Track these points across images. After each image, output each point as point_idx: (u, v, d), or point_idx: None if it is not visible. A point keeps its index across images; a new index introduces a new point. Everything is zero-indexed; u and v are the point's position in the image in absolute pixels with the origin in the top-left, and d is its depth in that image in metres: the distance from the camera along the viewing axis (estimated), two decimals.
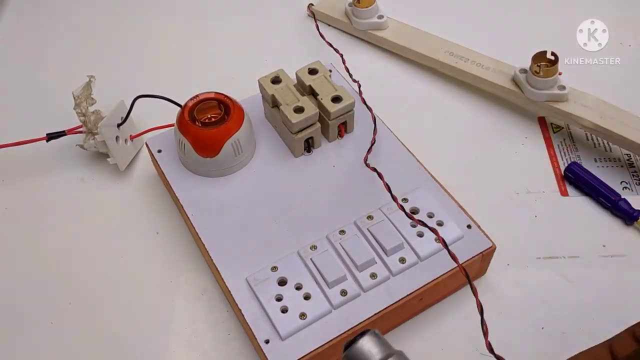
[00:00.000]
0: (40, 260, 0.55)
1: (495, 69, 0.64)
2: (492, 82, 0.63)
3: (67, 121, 0.59)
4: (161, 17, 0.78)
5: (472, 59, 0.65)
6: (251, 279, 0.48)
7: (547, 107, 0.61)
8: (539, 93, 0.61)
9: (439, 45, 0.67)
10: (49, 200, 0.59)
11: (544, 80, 0.59)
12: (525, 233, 0.56)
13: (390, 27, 0.70)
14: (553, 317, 0.51)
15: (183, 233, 0.56)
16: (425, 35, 0.69)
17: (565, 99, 0.60)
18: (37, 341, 0.50)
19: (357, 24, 0.71)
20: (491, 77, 0.64)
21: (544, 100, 0.61)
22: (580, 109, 0.59)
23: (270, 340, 0.45)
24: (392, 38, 0.69)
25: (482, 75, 0.64)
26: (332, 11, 0.74)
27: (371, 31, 0.70)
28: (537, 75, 0.59)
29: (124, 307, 0.52)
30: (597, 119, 0.58)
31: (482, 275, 0.53)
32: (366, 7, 0.69)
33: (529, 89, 0.61)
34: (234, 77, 0.69)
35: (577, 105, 0.60)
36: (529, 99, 0.61)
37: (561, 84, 0.60)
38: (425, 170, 0.55)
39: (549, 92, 0.60)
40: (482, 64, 0.65)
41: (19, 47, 0.74)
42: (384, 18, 0.70)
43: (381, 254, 0.49)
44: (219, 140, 0.52)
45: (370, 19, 0.70)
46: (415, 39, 0.69)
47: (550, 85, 0.60)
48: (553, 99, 0.60)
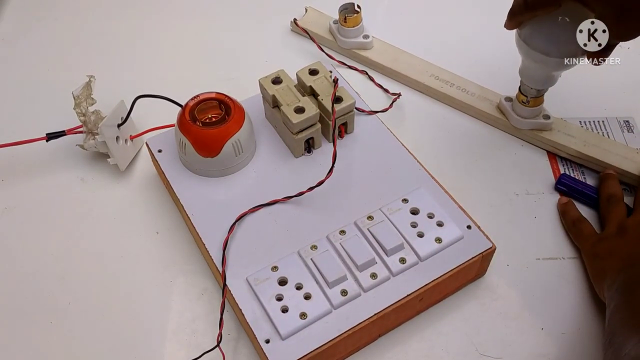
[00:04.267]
0: (40, 260, 0.55)
1: (480, 95, 0.64)
2: (478, 108, 0.63)
3: (67, 121, 0.59)
4: (161, 17, 0.78)
5: (457, 84, 0.65)
6: (251, 279, 0.48)
7: (532, 135, 0.61)
8: (525, 122, 0.61)
9: (425, 68, 0.67)
10: (49, 200, 0.59)
11: (530, 110, 0.60)
12: (525, 233, 0.56)
13: (376, 47, 0.70)
14: (553, 317, 0.51)
15: (183, 233, 0.56)
16: (410, 57, 0.69)
17: (550, 127, 0.61)
18: (37, 341, 0.50)
19: (342, 43, 0.70)
20: (476, 103, 0.64)
21: (528, 129, 0.61)
22: (565, 138, 0.60)
23: (270, 340, 0.45)
24: (377, 58, 0.68)
25: (467, 101, 0.64)
26: (316, 27, 0.72)
27: (356, 50, 0.70)
28: (524, 105, 0.59)
29: (124, 307, 0.52)
30: (581, 147, 0.59)
31: (482, 276, 0.53)
32: (352, 26, 0.68)
33: (514, 117, 0.61)
34: (235, 77, 0.69)
35: (561, 134, 0.60)
36: (515, 126, 0.62)
37: (546, 113, 0.61)
38: (425, 170, 0.55)
39: (534, 121, 0.60)
40: (467, 89, 0.65)
41: (19, 47, 0.74)
42: (369, 38, 0.69)
43: (381, 254, 0.49)
44: (219, 140, 0.52)
45: (355, 39, 0.69)
46: (401, 60, 0.68)
47: (535, 115, 0.60)
48: (538, 127, 0.61)
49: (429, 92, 0.66)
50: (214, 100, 0.54)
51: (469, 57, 0.70)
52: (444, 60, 0.68)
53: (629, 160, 0.58)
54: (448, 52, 0.71)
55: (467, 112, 0.65)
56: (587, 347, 0.50)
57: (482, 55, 0.70)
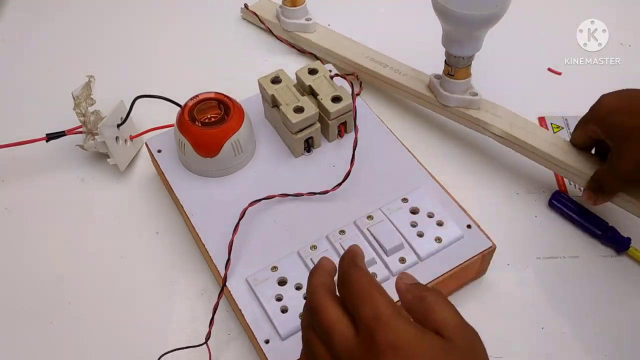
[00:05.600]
0: (40, 260, 0.55)
1: (412, 76, 0.64)
2: (408, 87, 0.63)
3: (67, 121, 0.59)
4: (161, 17, 0.78)
5: (391, 66, 0.66)
6: (251, 279, 0.48)
7: (460, 113, 0.61)
8: (451, 97, 0.60)
9: (362, 51, 0.68)
10: (49, 200, 0.59)
11: (455, 83, 0.59)
12: (525, 233, 0.56)
13: (317, 31, 0.71)
14: (553, 317, 0.51)
15: (183, 233, 0.56)
16: (350, 42, 0.70)
17: (477, 106, 0.60)
18: (37, 341, 0.50)
19: (285, 25, 0.71)
20: (407, 82, 0.63)
21: (455, 106, 0.61)
22: (491, 117, 0.59)
23: (270, 340, 0.45)
24: (317, 40, 0.70)
25: (399, 80, 0.64)
26: (265, 13, 0.74)
27: (298, 32, 0.71)
28: (450, 77, 0.59)
29: (124, 307, 0.52)
30: (508, 128, 0.58)
31: (482, 275, 0.53)
32: (294, 6, 0.69)
33: (442, 93, 0.60)
34: (234, 77, 0.69)
35: (488, 114, 0.60)
36: (442, 104, 0.61)
37: (473, 91, 0.60)
38: (425, 170, 0.55)
39: (461, 97, 0.60)
40: (400, 70, 0.65)
41: (19, 47, 0.74)
42: (311, 21, 0.70)
43: (381, 254, 0.49)
44: (219, 140, 0.52)
45: (297, 20, 0.70)
46: (340, 43, 0.69)
47: (463, 91, 0.59)
48: (465, 104, 0.60)
49: (362, 73, 0.67)
50: (213, 100, 0.54)
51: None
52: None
53: (555, 146, 0.57)
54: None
55: (400, 92, 0.65)
56: (587, 347, 0.49)
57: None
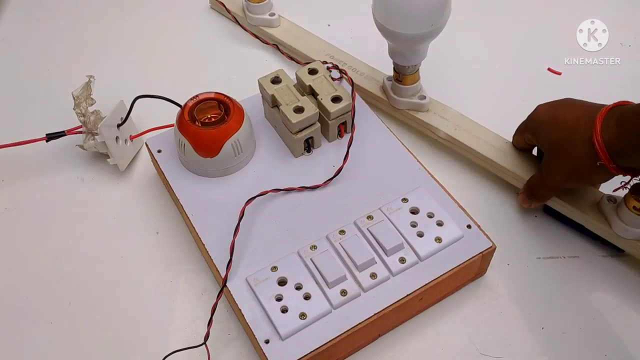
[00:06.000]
0: (40, 260, 0.55)
1: (369, 75, 0.64)
2: (363, 87, 0.63)
3: (67, 121, 0.59)
4: (161, 17, 0.78)
5: (349, 64, 0.66)
6: (251, 279, 0.48)
7: (409, 116, 0.61)
8: (401, 101, 0.60)
9: (322, 48, 0.68)
10: (49, 200, 0.59)
11: (404, 88, 0.59)
12: (525, 233, 0.56)
13: (282, 26, 0.72)
14: (553, 317, 0.51)
15: (183, 233, 0.56)
16: (313, 38, 0.70)
17: (426, 109, 0.60)
18: (37, 341, 0.50)
19: (250, 19, 0.72)
20: (363, 82, 0.64)
21: (406, 109, 0.61)
22: (438, 120, 0.60)
23: (270, 340, 0.45)
24: (280, 36, 0.71)
25: (355, 81, 0.62)
26: (231, 4, 0.74)
27: (262, 27, 0.71)
28: (398, 82, 0.59)
29: (124, 307, 0.52)
30: (452, 131, 0.59)
31: (482, 275, 0.53)
32: (258, 2, 0.70)
33: (392, 97, 0.61)
34: (234, 77, 0.69)
35: (435, 116, 0.60)
36: (393, 107, 0.61)
37: (422, 94, 0.60)
38: (425, 170, 0.55)
39: (410, 101, 0.60)
40: (357, 69, 0.65)
41: (19, 47, 0.74)
42: (275, 16, 0.71)
43: (381, 254, 0.49)
44: (218, 140, 0.52)
45: (262, 15, 0.71)
46: (303, 39, 0.70)
47: (411, 94, 0.60)
48: (414, 107, 0.61)
49: None
50: (213, 100, 0.54)
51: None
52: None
53: (495, 149, 0.58)
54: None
55: (358, 91, 0.64)
56: (587, 347, 0.49)
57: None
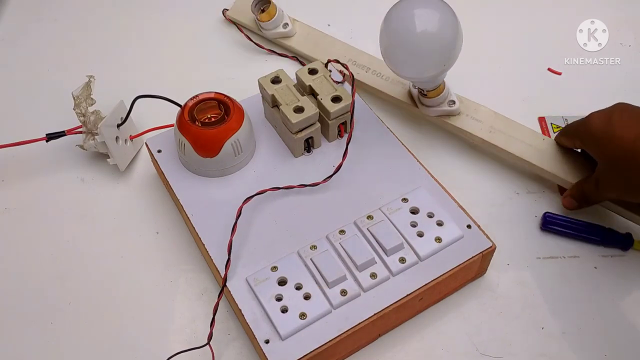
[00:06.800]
0: (40, 260, 0.55)
1: (394, 80, 0.63)
2: (389, 94, 0.62)
3: (67, 121, 0.59)
4: (161, 17, 0.77)
5: (373, 69, 0.64)
6: (251, 279, 0.48)
7: (441, 122, 0.60)
8: (431, 109, 0.60)
9: (343, 52, 0.66)
10: (49, 200, 0.59)
11: (431, 100, 0.58)
12: (526, 233, 0.56)
13: (298, 33, 0.70)
14: (553, 317, 0.51)
15: (183, 233, 0.56)
16: (331, 42, 0.68)
17: (457, 113, 0.60)
18: (37, 341, 0.50)
19: (265, 34, 0.71)
20: (388, 88, 0.63)
21: (436, 116, 0.60)
22: (472, 123, 0.59)
23: (270, 340, 0.45)
24: (299, 47, 0.69)
25: (379, 87, 0.63)
26: (244, 17, 0.72)
27: (280, 39, 0.70)
28: (423, 95, 0.58)
29: (124, 307, 0.52)
30: (486, 135, 0.58)
31: (482, 275, 0.53)
32: (268, 20, 0.69)
33: (421, 105, 0.60)
34: (234, 77, 0.69)
35: (468, 118, 0.59)
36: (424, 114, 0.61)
37: (451, 99, 0.59)
38: (425, 170, 0.55)
39: (440, 109, 0.59)
40: (382, 74, 0.64)
41: (19, 47, 0.74)
42: (289, 27, 0.69)
43: (381, 254, 0.49)
44: (218, 140, 0.52)
45: (276, 29, 0.70)
46: (321, 46, 0.68)
47: (440, 102, 0.59)
48: (445, 114, 0.60)
49: None
50: (213, 100, 0.54)
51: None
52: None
53: (534, 149, 0.57)
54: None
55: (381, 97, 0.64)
56: (587, 347, 0.49)
57: None
